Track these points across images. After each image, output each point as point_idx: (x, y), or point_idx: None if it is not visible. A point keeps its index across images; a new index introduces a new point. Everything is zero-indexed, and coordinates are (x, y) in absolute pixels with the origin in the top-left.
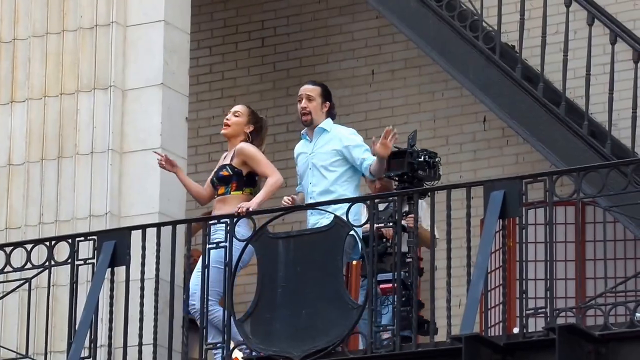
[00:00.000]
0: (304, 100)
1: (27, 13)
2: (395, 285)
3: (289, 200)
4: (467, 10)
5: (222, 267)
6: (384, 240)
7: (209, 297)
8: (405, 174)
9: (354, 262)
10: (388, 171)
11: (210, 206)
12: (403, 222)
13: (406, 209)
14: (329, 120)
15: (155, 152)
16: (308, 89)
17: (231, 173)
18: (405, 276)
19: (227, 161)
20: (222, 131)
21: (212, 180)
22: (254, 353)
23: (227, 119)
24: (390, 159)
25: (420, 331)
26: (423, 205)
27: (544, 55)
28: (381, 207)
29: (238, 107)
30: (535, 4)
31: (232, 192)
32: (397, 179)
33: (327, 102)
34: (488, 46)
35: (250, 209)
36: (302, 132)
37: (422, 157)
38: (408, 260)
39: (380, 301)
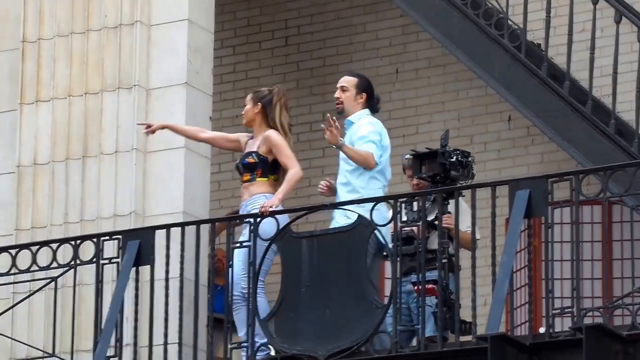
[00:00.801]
0: (338, 91)
1: (51, 13)
2: (432, 285)
3: (325, 184)
4: (492, 8)
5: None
6: (414, 240)
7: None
8: (438, 174)
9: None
10: (420, 172)
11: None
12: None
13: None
14: (362, 112)
15: (140, 124)
16: (344, 80)
17: (257, 160)
18: (441, 276)
19: (254, 148)
20: (243, 123)
21: (237, 166)
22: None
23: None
24: (422, 160)
25: (462, 333)
26: (462, 204)
27: (570, 53)
28: (416, 206)
29: (247, 97)
30: (562, 2)
31: (257, 179)
32: (429, 180)
33: (363, 94)
34: (513, 44)
35: (274, 208)
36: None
37: (455, 157)
38: (444, 260)
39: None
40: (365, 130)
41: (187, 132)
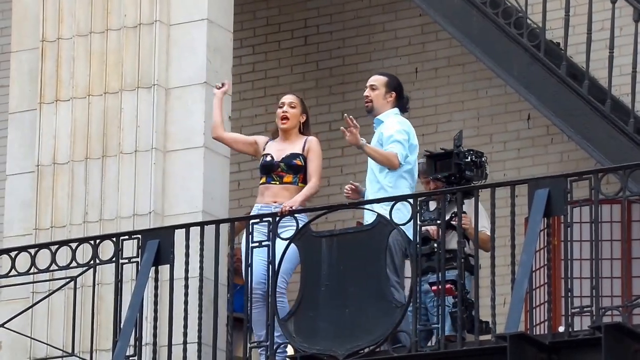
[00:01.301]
0: (367, 89)
1: (71, 12)
2: (449, 285)
3: (350, 187)
4: (511, 7)
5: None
6: (431, 240)
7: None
8: (453, 175)
9: None
10: (435, 173)
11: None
12: (453, 223)
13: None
14: (391, 111)
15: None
16: (373, 78)
17: (303, 164)
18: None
19: (297, 150)
20: (283, 125)
21: (274, 164)
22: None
23: (285, 112)
24: (437, 161)
25: (481, 334)
26: (479, 206)
27: (589, 52)
28: (432, 206)
29: (292, 98)
30: (581, 1)
31: (299, 184)
32: (444, 180)
33: (392, 93)
34: (532, 43)
35: (294, 208)
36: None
37: (469, 158)
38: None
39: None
40: (392, 130)
41: (218, 119)
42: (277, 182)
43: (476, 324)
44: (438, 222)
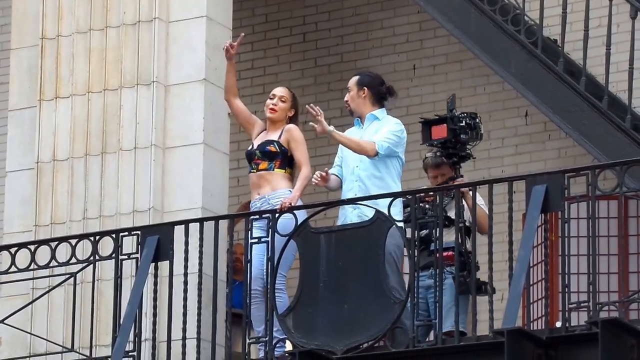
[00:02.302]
0: (346, 95)
1: (70, 10)
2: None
3: (319, 175)
4: (508, 4)
5: (291, 253)
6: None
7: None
8: (448, 140)
9: None
10: (430, 139)
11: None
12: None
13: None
14: (382, 110)
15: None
16: (349, 81)
17: (278, 150)
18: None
19: (274, 138)
20: (270, 114)
21: (252, 152)
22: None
23: (275, 104)
24: (431, 127)
25: (479, 293)
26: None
27: (587, 49)
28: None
29: (283, 92)
30: None
31: (275, 170)
32: (440, 146)
33: (364, 89)
34: (530, 40)
35: (293, 204)
36: (356, 119)
37: (463, 121)
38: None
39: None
40: (389, 124)
41: (230, 82)
42: (255, 170)
43: (472, 285)
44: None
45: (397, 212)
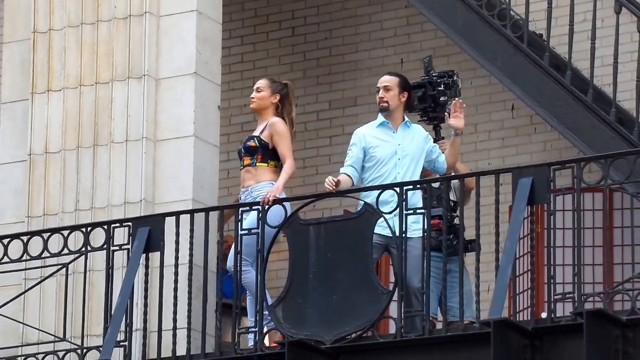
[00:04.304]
0: (381, 90)
1: (62, 4)
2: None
3: (332, 180)
4: None
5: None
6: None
7: (244, 258)
8: (428, 106)
9: None
10: (411, 105)
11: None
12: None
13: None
14: (407, 118)
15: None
16: (386, 79)
17: (257, 145)
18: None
19: (257, 133)
20: (251, 106)
21: (239, 150)
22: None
23: (252, 97)
24: (412, 93)
25: (467, 251)
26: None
27: (572, 43)
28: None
29: (259, 82)
30: None
31: (257, 164)
32: (421, 112)
33: (405, 93)
34: (516, 35)
35: (277, 196)
36: (383, 120)
37: (441, 83)
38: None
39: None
40: (433, 143)
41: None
42: (242, 167)
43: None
44: (423, 211)
45: (417, 199)
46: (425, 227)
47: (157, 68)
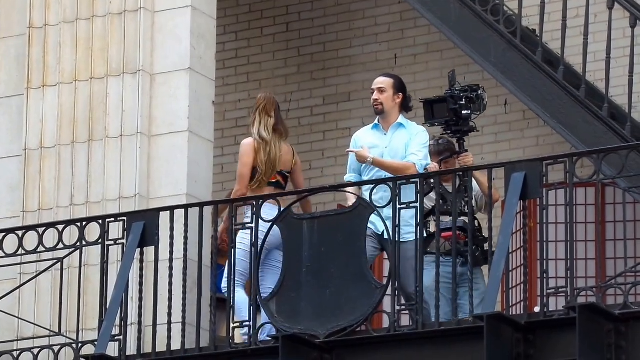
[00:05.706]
0: (375, 92)
1: (57, 0)
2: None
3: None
4: None
5: (247, 250)
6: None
7: (237, 280)
8: (449, 119)
9: None
10: (432, 118)
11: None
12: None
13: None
14: (402, 117)
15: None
16: (380, 81)
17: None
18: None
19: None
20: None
21: None
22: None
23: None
24: (433, 106)
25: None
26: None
27: (565, 38)
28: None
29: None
30: None
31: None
32: (443, 125)
33: (400, 94)
34: (509, 30)
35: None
36: (375, 121)
37: (463, 98)
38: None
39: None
40: (423, 138)
41: None
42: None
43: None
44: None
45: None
46: (419, 220)
47: (151, 63)
